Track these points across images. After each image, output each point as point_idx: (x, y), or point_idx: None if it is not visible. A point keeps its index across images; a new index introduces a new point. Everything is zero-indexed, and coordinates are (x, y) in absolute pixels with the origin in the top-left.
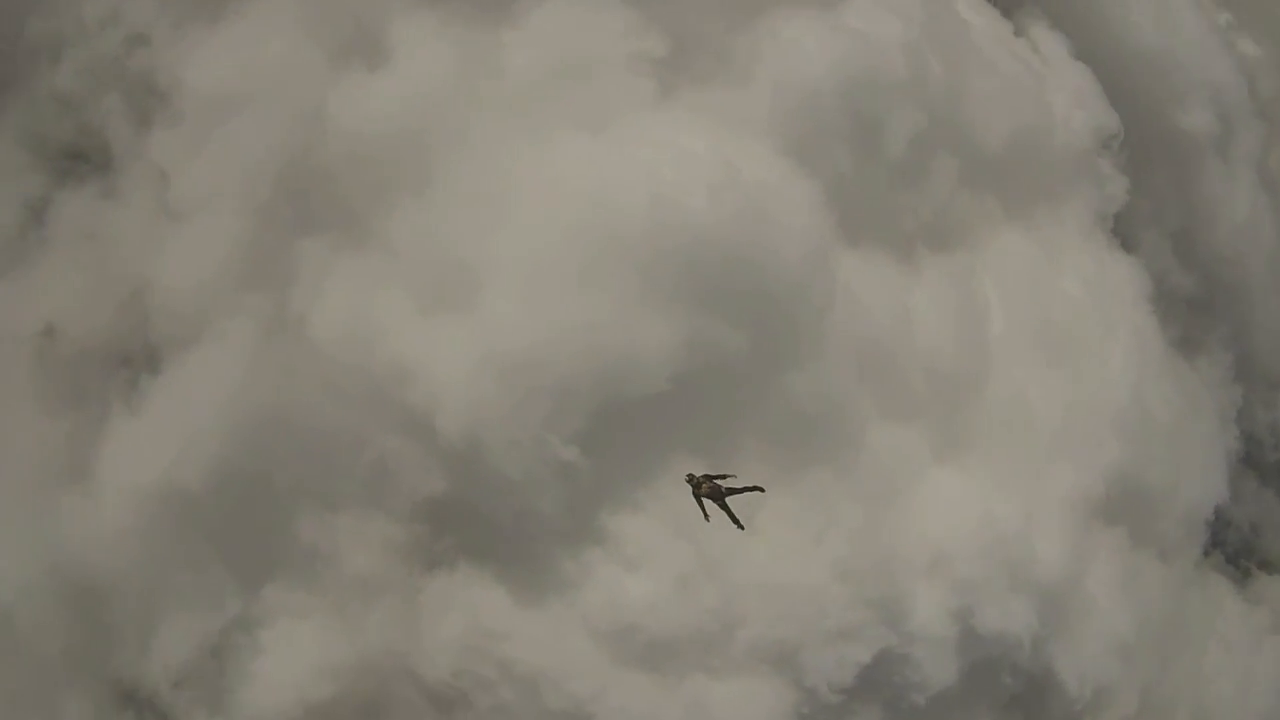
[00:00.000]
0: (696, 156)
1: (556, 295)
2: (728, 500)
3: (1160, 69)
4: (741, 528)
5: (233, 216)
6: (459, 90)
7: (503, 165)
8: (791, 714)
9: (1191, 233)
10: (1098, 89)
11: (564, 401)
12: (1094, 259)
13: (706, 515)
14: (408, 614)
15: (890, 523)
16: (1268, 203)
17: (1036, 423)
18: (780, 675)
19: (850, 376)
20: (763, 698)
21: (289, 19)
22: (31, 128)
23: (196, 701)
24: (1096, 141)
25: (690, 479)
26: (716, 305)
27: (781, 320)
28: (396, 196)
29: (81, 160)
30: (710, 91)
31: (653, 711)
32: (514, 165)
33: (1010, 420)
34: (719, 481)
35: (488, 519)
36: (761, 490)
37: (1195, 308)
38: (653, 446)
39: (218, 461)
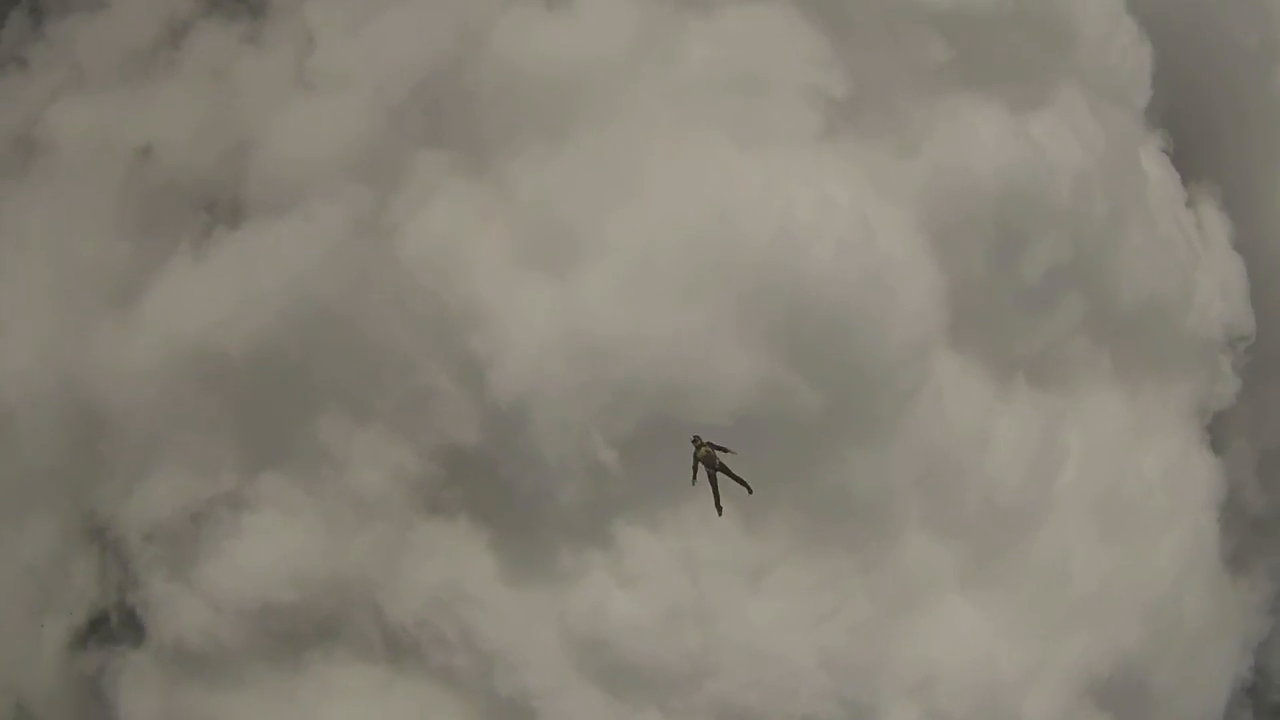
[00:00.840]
0: (836, 206)
1: (650, 295)
2: (719, 476)
3: None
4: (719, 508)
5: (363, 104)
6: (628, 58)
7: (644, 147)
8: None
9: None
10: (1244, 286)
11: (621, 401)
12: (1181, 448)
13: (695, 479)
14: (393, 547)
15: (894, 630)
16: None
17: (1070, 585)
18: None
19: (908, 474)
20: None
21: None
22: None
23: (160, 560)
24: (1225, 337)
25: (696, 439)
26: (803, 358)
27: (862, 395)
28: (529, 140)
29: None
30: (872, 148)
31: None
32: (655, 152)
33: (1046, 573)
34: (720, 453)
35: (504, 486)
36: (749, 490)
37: (1258, 529)
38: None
39: (262, 335)
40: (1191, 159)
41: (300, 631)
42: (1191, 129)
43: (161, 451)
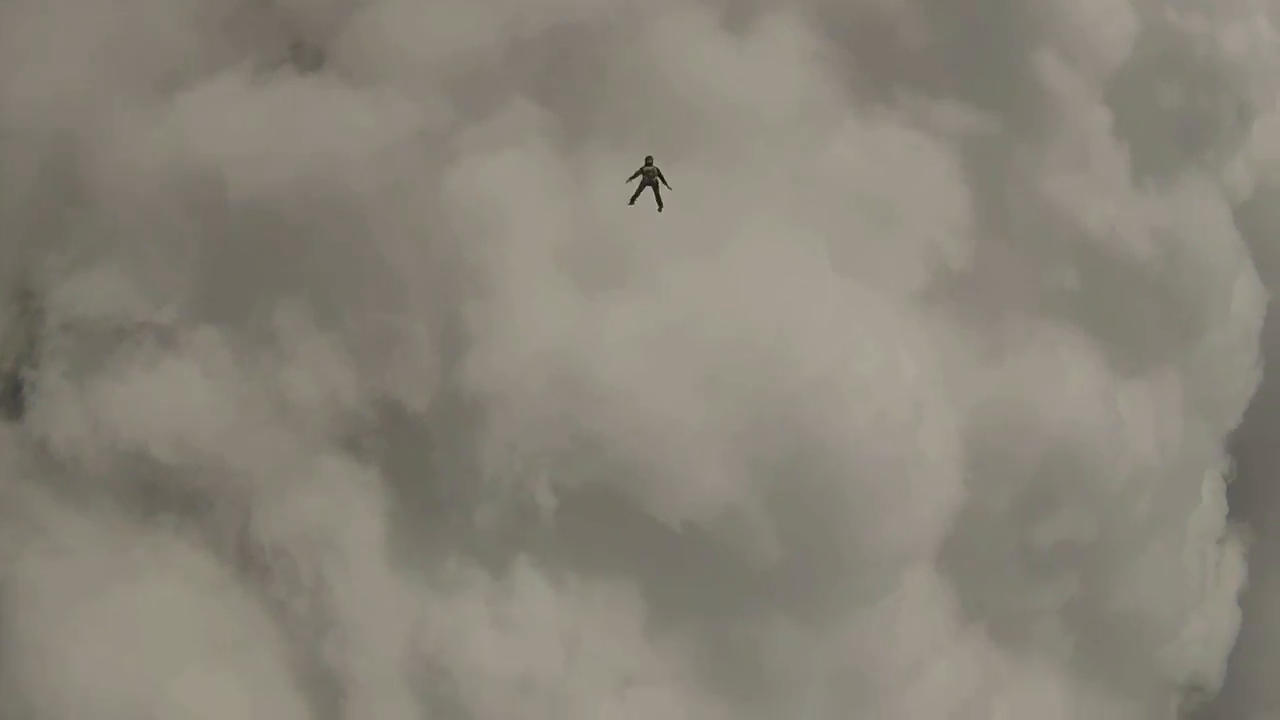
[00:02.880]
0: (899, 377)
1: (669, 361)
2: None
3: None
4: (633, 200)
5: (490, 26)
6: (776, 118)
7: (744, 213)
8: None
9: None
10: (1229, 643)
11: (581, 453)
12: None
13: (633, 177)
14: (289, 463)
15: None
16: None
17: None
18: None
19: (824, 670)
20: None
21: None
22: None
23: (66, 353)
24: (1188, 682)
25: (649, 159)
26: (782, 506)
27: (824, 573)
28: (637, 133)
29: None
30: (960, 336)
31: None
32: (751, 224)
33: None
34: (661, 181)
35: (427, 468)
36: (660, 208)
37: None
38: (621, 563)
39: (274, 190)
40: (1242, 496)
41: (164, 492)
42: (1256, 466)
43: (119, 250)
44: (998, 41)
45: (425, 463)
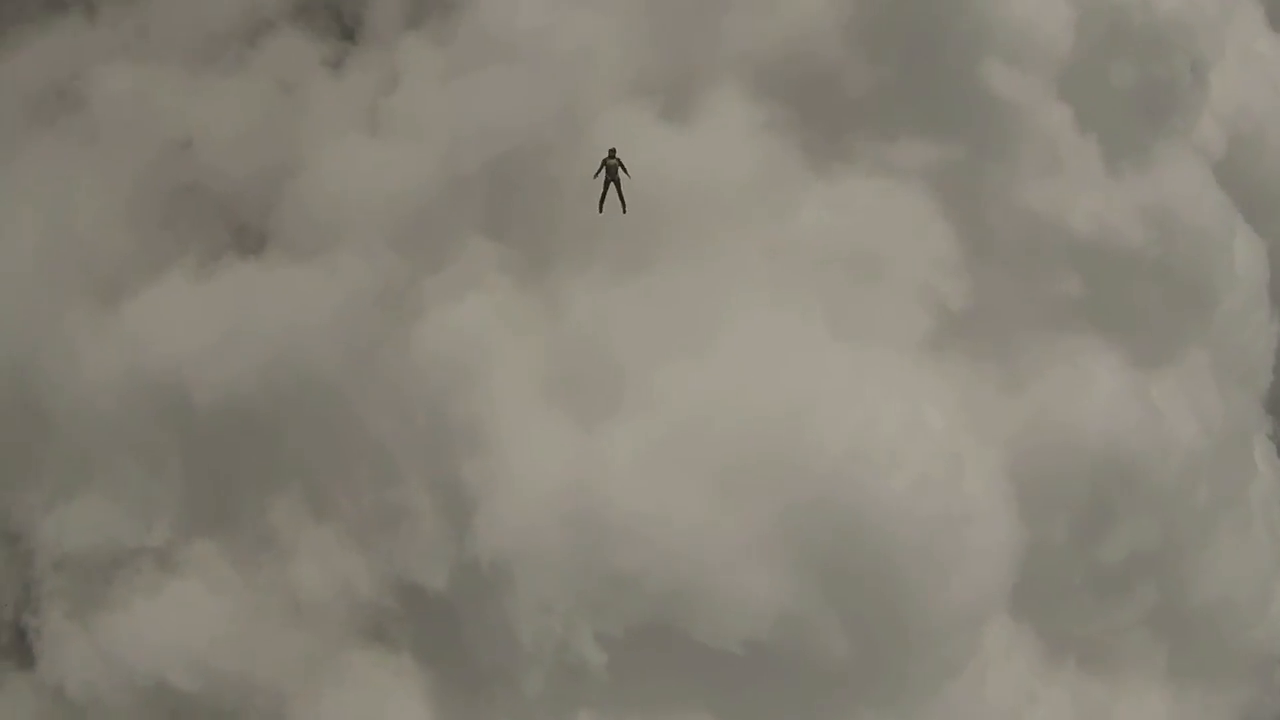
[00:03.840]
0: (928, 431)
1: (684, 474)
2: (611, 186)
3: None
4: (600, 206)
5: (427, 164)
6: (735, 198)
7: (726, 301)
8: None
9: None
10: None
11: (622, 596)
12: None
13: (597, 176)
14: (318, 664)
15: None
16: None
17: None
18: None
19: None
20: None
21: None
22: None
23: (64, 593)
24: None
25: (612, 151)
26: (842, 596)
27: (900, 655)
28: (598, 256)
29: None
30: (977, 373)
31: None
32: (737, 311)
33: None
34: (621, 172)
35: (462, 642)
36: (624, 210)
37: None
38: (686, 697)
39: (240, 382)
40: None
41: (195, 716)
42: None
43: (97, 477)
44: (941, 64)
45: (458, 640)
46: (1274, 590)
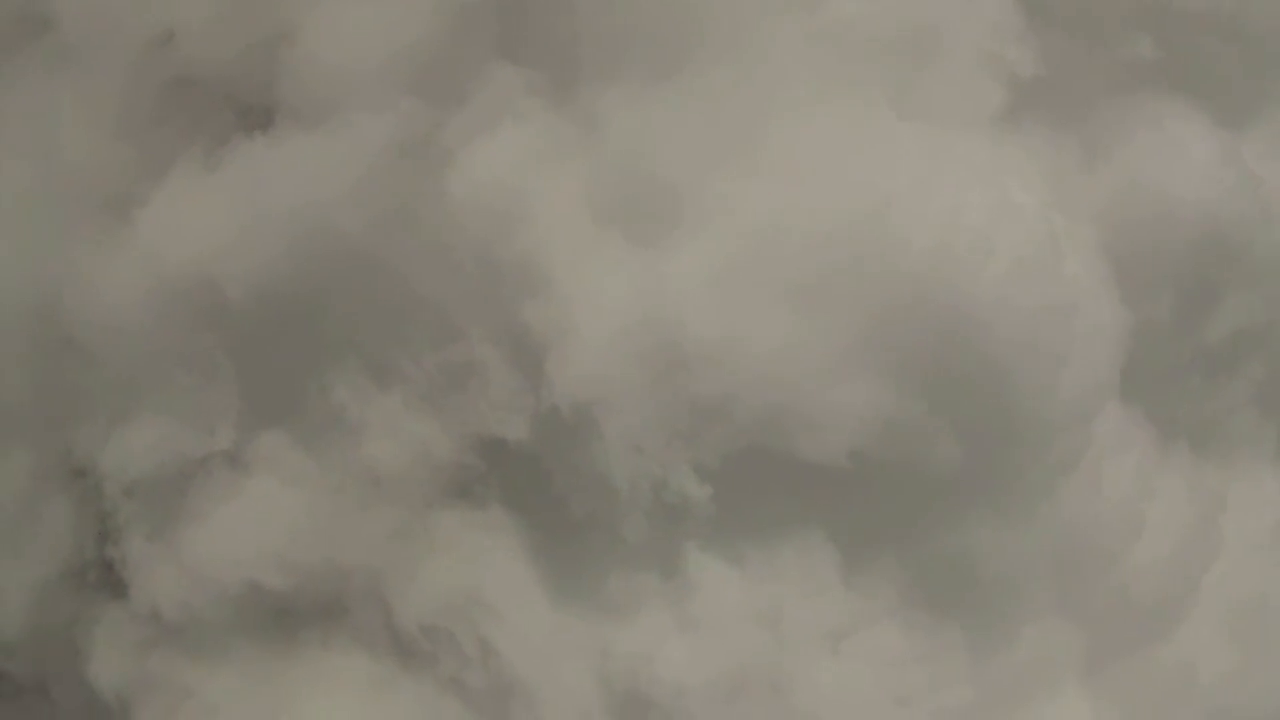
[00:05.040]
0: (1019, 212)
1: (761, 288)
2: None
3: None
4: None
5: (429, 5)
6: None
7: (777, 97)
8: None
9: None
10: None
11: (714, 424)
12: None
13: None
14: (408, 537)
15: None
16: None
17: (1199, 692)
18: None
19: (1046, 553)
20: None
21: None
22: None
23: (140, 518)
24: None
25: None
26: (948, 399)
27: (1012, 454)
28: (632, 68)
29: None
30: (1059, 148)
31: None
32: (791, 105)
33: (1175, 676)
34: None
35: (553, 493)
36: None
37: None
38: (795, 517)
39: (275, 266)
40: None
41: (295, 611)
42: None
43: (148, 394)
44: None
45: (549, 491)
46: None
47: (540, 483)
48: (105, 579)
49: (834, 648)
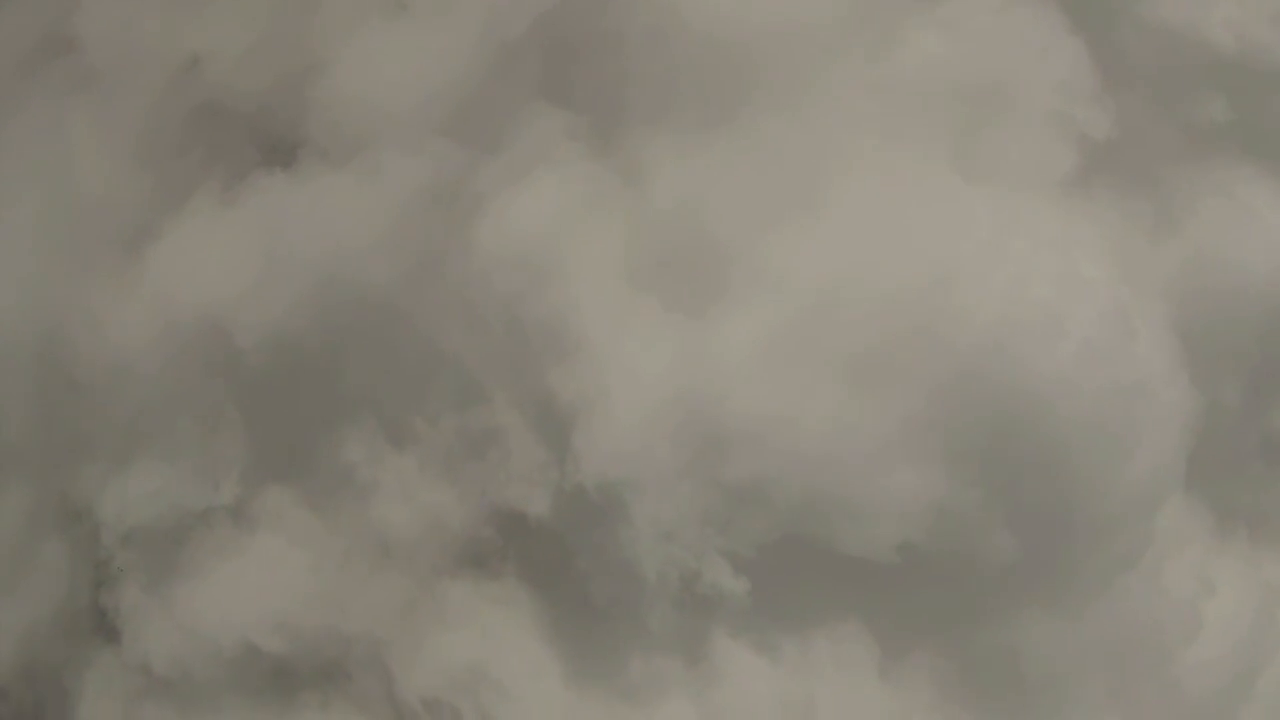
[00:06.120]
0: (1089, 287)
1: (809, 364)
2: None
3: None
4: None
5: (468, 36)
6: (830, 31)
7: (836, 154)
8: None
9: None
10: None
11: (752, 512)
12: None
13: None
14: (414, 604)
15: None
16: None
17: None
18: None
19: (1099, 651)
20: None
21: None
22: None
23: (136, 567)
24: None
25: None
26: (1005, 489)
27: (1071, 548)
28: (681, 117)
29: None
30: (1128, 215)
31: None
32: (850, 163)
33: None
34: None
35: (574, 573)
36: None
37: None
38: (833, 606)
39: (286, 318)
40: None
41: (294, 672)
42: None
43: (151, 440)
44: None
45: (569, 570)
46: None
47: (560, 561)
48: (99, 624)
49: None
